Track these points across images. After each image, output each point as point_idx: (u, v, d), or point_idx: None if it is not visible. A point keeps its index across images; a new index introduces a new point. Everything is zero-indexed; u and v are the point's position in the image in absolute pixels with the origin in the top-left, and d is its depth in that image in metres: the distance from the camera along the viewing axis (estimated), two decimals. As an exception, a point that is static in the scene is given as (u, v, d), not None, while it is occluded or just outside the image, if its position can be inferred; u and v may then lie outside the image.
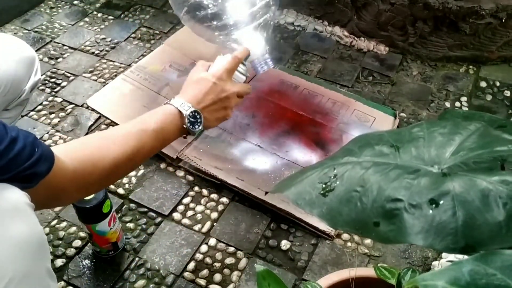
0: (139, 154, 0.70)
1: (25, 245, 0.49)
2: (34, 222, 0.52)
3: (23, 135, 0.53)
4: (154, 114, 0.74)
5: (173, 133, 0.76)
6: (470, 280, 0.33)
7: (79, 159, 0.62)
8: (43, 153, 0.55)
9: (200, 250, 0.95)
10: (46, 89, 1.30)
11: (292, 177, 0.54)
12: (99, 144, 0.67)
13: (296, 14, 1.54)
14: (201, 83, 0.80)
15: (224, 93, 0.80)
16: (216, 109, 0.81)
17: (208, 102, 0.79)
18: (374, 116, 1.19)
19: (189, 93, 0.79)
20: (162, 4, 1.62)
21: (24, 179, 0.53)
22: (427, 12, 1.30)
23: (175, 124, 0.75)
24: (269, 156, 1.09)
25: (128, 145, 0.68)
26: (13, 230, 0.49)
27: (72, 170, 0.60)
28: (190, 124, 0.76)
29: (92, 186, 0.67)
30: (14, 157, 0.50)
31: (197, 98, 0.78)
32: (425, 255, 0.94)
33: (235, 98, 0.83)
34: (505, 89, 1.33)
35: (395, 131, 0.56)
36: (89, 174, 0.63)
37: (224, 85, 0.80)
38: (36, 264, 0.51)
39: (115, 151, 0.66)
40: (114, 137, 0.68)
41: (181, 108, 0.75)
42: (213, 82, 0.79)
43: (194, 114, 0.76)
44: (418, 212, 0.41)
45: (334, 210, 0.46)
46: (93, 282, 0.90)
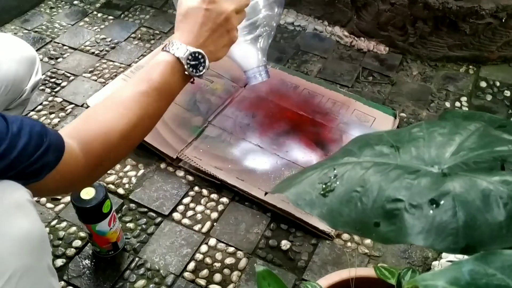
0: (145, 119, 0.64)
1: (26, 241, 0.49)
2: (35, 219, 0.52)
3: (29, 125, 0.51)
4: (152, 68, 0.66)
5: (178, 83, 0.68)
6: (470, 280, 0.33)
7: (86, 140, 0.58)
8: (52, 143, 0.53)
9: (200, 250, 0.95)
10: (46, 89, 1.30)
11: (292, 178, 0.54)
12: (101, 119, 0.61)
13: (296, 14, 1.54)
14: (192, 14, 0.68)
15: (221, 16, 0.69)
16: (219, 37, 0.70)
17: (207, 34, 0.68)
18: (374, 116, 1.19)
19: (183, 30, 0.68)
20: (162, 4, 1.62)
21: (30, 174, 0.52)
22: (427, 12, 1.30)
23: (177, 73, 0.67)
24: (269, 156, 1.09)
25: (132, 113, 0.62)
26: (14, 226, 0.49)
27: (82, 154, 0.58)
28: (192, 68, 0.67)
29: (105, 164, 0.63)
30: (18, 154, 0.49)
31: (193, 34, 0.68)
32: (425, 255, 0.94)
33: (234, 17, 0.72)
34: (505, 89, 1.33)
35: (395, 131, 0.56)
36: (99, 153, 0.59)
37: (218, 7, 0.69)
38: (37, 260, 0.51)
39: (119, 122, 0.61)
40: (114, 106, 0.62)
41: (176, 53, 0.66)
42: (205, 9, 0.68)
43: (194, 55, 0.67)
44: (419, 212, 0.41)
45: (334, 211, 0.46)
46: (93, 282, 0.90)
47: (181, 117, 1.17)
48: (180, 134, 1.13)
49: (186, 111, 1.18)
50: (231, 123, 1.16)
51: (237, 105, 1.21)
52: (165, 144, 1.10)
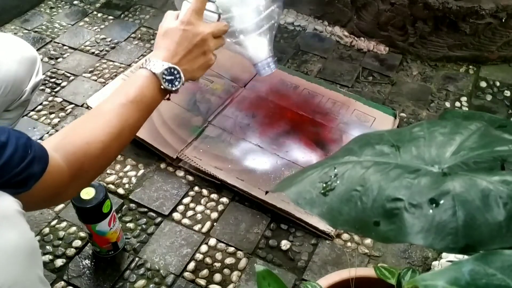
0: (125, 130, 0.66)
1: (15, 253, 0.48)
2: (25, 230, 0.51)
3: (15, 137, 0.52)
4: (130, 83, 0.70)
5: (154, 98, 0.71)
6: (470, 280, 0.33)
7: (69, 152, 0.60)
8: (36, 155, 0.53)
9: (200, 250, 0.95)
10: (46, 89, 1.30)
11: (292, 177, 0.54)
12: (83, 130, 0.64)
13: (296, 14, 1.54)
14: (169, 34, 0.73)
15: (197, 37, 0.74)
16: (194, 57, 0.75)
17: (183, 52, 0.73)
18: (374, 116, 1.19)
19: (160, 48, 0.73)
20: (162, 4, 1.62)
21: (17, 184, 0.52)
22: (427, 12, 1.30)
23: (153, 88, 0.70)
24: (269, 156, 1.09)
25: (112, 125, 0.65)
26: (2, 238, 0.48)
27: (66, 164, 0.59)
28: (167, 82, 0.71)
29: (89, 175, 0.65)
30: (4, 163, 0.49)
31: (170, 52, 0.72)
32: (425, 255, 0.94)
33: (211, 40, 0.76)
34: (505, 89, 1.33)
35: (396, 131, 0.56)
36: (82, 164, 0.61)
37: (195, 29, 0.74)
38: (27, 272, 0.50)
39: (100, 133, 0.63)
40: (96, 118, 0.65)
41: (153, 69, 0.70)
42: (182, 29, 0.73)
43: (170, 70, 0.71)
44: (418, 212, 0.41)
45: (334, 210, 0.46)
46: (93, 282, 0.90)
47: (181, 117, 1.17)
48: (180, 134, 1.13)
49: (186, 111, 1.18)
50: (231, 123, 1.16)
51: (237, 105, 1.21)
52: (165, 144, 1.10)
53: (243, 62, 0.95)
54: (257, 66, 0.92)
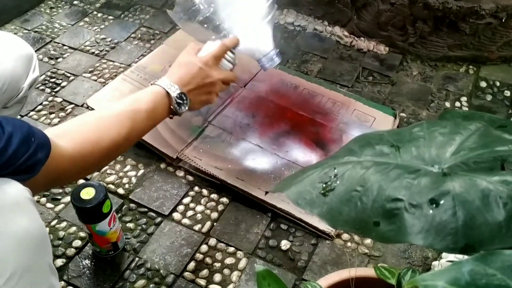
0: (133, 134, 0.72)
1: (26, 240, 0.50)
2: (36, 217, 0.53)
3: (19, 126, 0.53)
4: (144, 94, 0.76)
5: (162, 113, 0.78)
6: (470, 280, 0.33)
7: (77, 141, 0.64)
8: (40, 141, 0.55)
9: (200, 250, 0.95)
10: (46, 89, 1.30)
11: (292, 177, 0.54)
12: (96, 125, 0.68)
13: (296, 14, 1.54)
14: (188, 66, 0.82)
15: (209, 78, 0.83)
16: (200, 93, 0.84)
17: (193, 85, 0.81)
18: (374, 116, 1.19)
19: (176, 75, 0.81)
20: (162, 4, 1.62)
21: (25, 171, 0.53)
22: (427, 12, 1.30)
23: (164, 105, 0.78)
24: (269, 156, 1.09)
25: (123, 125, 0.70)
26: (14, 225, 0.49)
27: (71, 152, 0.62)
28: (177, 105, 0.79)
29: (92, 166, 0.69)
30: (13, 152, 0.51)
31: (183, 81, 0.80)
32: (425, 255, 0.94)
33: (220, 85, 0.86)
34: (505, 89, 1.33)
35: (396, 131, 0.56)
36: (88, 155, 0.65)
37: (210, 71, 0.83)
38: (38, 259, 0.52)
39: (112, 131, 0.68)
40: (109, 117, 0.70)
41: (168, 89, 0.78)
42: (199, 67, 0.82)
43: (181, 95, 0.79)
44: (418, 212, 0.41)
45: (334, 210, 0.46)
46: (93, 282, 0.90)
47: (181, 117, 1.17)
48: (180, 134, 1.13)
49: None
50: (231, 123, 1.16)
51: (237, 105, 1.21)
52: (165, 144, 1.10)
53: (242, 62, 0.95)
54: (261, 61, 0.95)
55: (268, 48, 0.95)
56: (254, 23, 0.94)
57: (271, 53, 0.95)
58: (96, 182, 0.86)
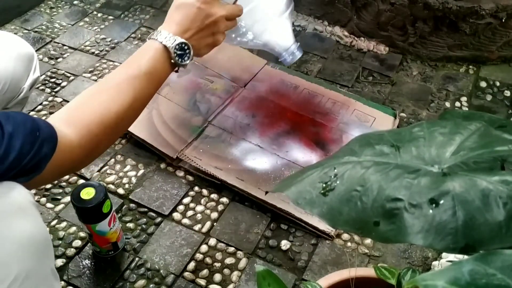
0: (137, 101, 0.67)
1: (30, 245, 0.49)
2: (39, 222, 0.52)
3: (21, 123, 0.52)
4: (141, 54, 0.70)
5: (165, 70, 0.72)
6: (470, 280, 0.33)
7: (82, 124, 0.61)
8: (45, 135, 0.54)
9: (200, 250, 0.95)
10: (46, 89, 1.30)
11: (292, 177, 0.54)
12: (96, 102, 0.64)
13: (296, 14, 1.54)
14: (184, 9, 0.73)
15: (210, 17, 0.74)
16: (203, 36, 0.76)
17: (194, 29, 0.73)
18: (374, 116, 1.19)
19: (172, 22, 0.73)
20: (162, 4, 1.62)
21: (30, 170, 0.52)
22: (427, 12, 1.30)
23: (164, 61, 0.71)
24: (269, 156, 1.09)
25: (126, 96, 0.65)
26: (18, 229, 0.49)
27: (78, 139, 0.59)
28: (178, 57, 0.72)
29: (101, 146, 0.66)
30: (17, 154, 0.50)
31: (182, 27, 0.72)
32: (425, 255, 0.94)
33: (223, 22, 0.77)
34: (505, 89, 1.33)
35: (396, 131, 0.56)
36: (94, 136, 0.62)
37: (210, 8, 0.74)
38: (41, 263, 0.51)
39: (114, 104, 0.64)
40: (109, 90, 0.66)
41: (165, 42, 0.70)
42: (197, 7, 0.73)
43: (181, 45, 0.72)
44: (418, 212, 0.41)
45: (334, 210, 0.46)
46: (93, 282, 0.90)
47: (181, 117, 1.17)
48: (180, 134, 1.13)
49: (186, 111, 1.18)
50: (231, 123, 1.16)
51: (237, 105, 1.21)
52: (165, 144, 1.10)
53: (243, 62, 0.95)
54: (283, 56, 0.93)
55: (289, 42, 0.93)
56: (274, 18, 0.91)
57: (292, 47, 0.93)
58: (96, 182, 0.86)
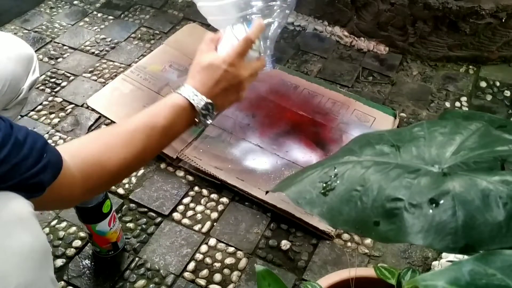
0: (146, 152, 0.67)
1: (30, 256, 0.49)
2: (38, 232, 0.51)
3: (32, 138, 0.51)
4: (163, 107, 0.69)
5: (183, 127, 0.71)
6: (470, 280, 0.33)
7: (87, 162, 0.60)
8: (51, 160, 0.53)
9: (200, 250, 0.95)
10: (46, 89, 1.30)
11: (292, 177, 0.55)
12: (106, 143, 0.64)
13: (296, 14, 1.54)
14: (211, 70, 0.72)
15: (236, 79, 0.73)
16: (228, 95, 0.75)
17: (219, 90, 0.72)
18: (374, 116, 1.19)
19: (198, 80, 0.72)
20: (162, 4, 1.62)
21: (29, 188, 0.52)
22: (427, 12, 1.30)
23: (186, 118, 0.70)
24: (269, 156, 1.09)
25: (136, 144, 0.65)
26: (18, 241, 0.48)
27: (80, 175, 0.59)
28: (203, 117, 0.71)
29: (100, 187, 0.66)
30: (18, 162, 0.49)
31: (207, 87, 0.71)
32: (425, 255, 0.94)
33: (248, 81, 0.76)
34: (505, 89, 1.33)
35: (396, 131, 0.56)
36: (97, 176, 0.61)
37: (237, 71, 0.73)
38: (40, 274, 0.51)
39: (123, 150, 0.63)
40: (121, 135, 0.65)
41: (192, 100, 0.69)
42: (224, 70, 0.72)
43: (207, 106, 0.71)
44: (418, 212, 0.41)
45: (334, 209, 0.46)
46: (93, 282, 0.90)
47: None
48: (180, 134, 1.13)
49: (186, 111, 1.18)
50: (231, 123, 1.16)
51: (237, 105, 1.21)
52: (165, 144, 1.10)
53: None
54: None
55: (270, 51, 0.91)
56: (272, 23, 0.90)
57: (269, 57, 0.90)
58: (96, 182, 0.86)
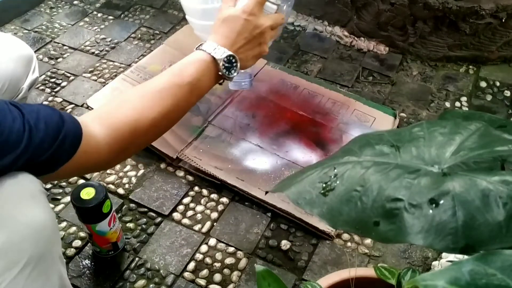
0: (175, 111, 0.67)
1: (41, 230, 0.51)
2: (48, 209, 0.54)
3: (45, 117, 0.52)
4: (187, 64, 0.70)
5: (209, 82, 0.72)
6: (470, 280, 0.33)
7: (115, 126, 0.61)
8: (68, 133, 0.54)
9: (200, 250, 0.95)
10: (46, 89, 1.30)
11: (292, 177, 0.54)
12: (133, 106, 0.64)
13: (296, 14, 1.54)
14: (232, 21, 0.73)
15: (257, 29, 0.74)
16: (250, 48, 0.75)
17: (242, 42, 0.73)
18: (374, 116, 1.19)
19: (220, 34, 0.73)
20: (162, 4, 1.62)
21: (44, 166, 0.53)
22: (427, 12, 1.30)
23: (210, 73, 0.71)
24: (269, 156, 1.09)
25: (165, 103, 0.65)
26: (30, 216, 0.51)
27: (107, 140, 0.59)
28: (226, 70, 0.72)
29: (130, 150, 0.66)
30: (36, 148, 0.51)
31: (230, 40, 0.72)
32: (425, 255, 0.94)
33: (269, 32, 0.77)
34: (505, 89, 1.33)
35: (396, 131, 0.56)
36: (126, 140, 0.62)
37: (257, 20, 0.73)
38: (50, 249, 0.53)
39: (151, 111, 0.64)
40: (149, 96, 0.65)
41: (215, 54, 0.70)
42: (245, 19, 0.72)
43: (229, 58, 0.71)
44: (418, 212, 0.41)
45: (334, 210, 0.46)
46: (93, 282, 0.90)
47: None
48: (180, 134, 1.13)
49: (186, 111, 1.18)
50: (231, 123, 1.16)
51: (237, 105, 1.21)
52: (165, 144, 1.10)
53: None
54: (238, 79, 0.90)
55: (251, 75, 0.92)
56: None
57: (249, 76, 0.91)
58: (96, 182, 0.86)
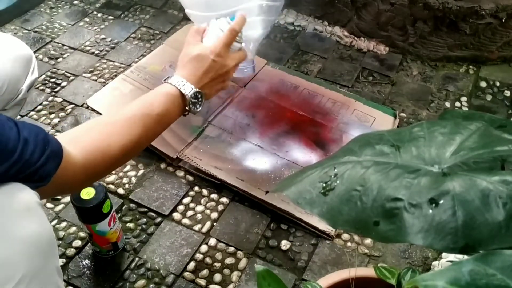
0: (144, 139, 0.71)
1: (37, 245, 0.50)
2: (45, 221, 0.53)
3: (34, 132, 0.53)
4: (156, 95, 0.74)
5: (175, 114, 0.76)
6: (470, 280, 0.33)
7: (88, 149, 0.63)
8: (53, 150, 0.55)
9: (200, 250, 0.95)
10: (46, 89, 1.30)
11: (292, 177, 0.54)
12: (106, 131, 0.67)
13: (296, 14, 1.54)
14: (200, 60, 0.78)
15: (223, 68, 0.80)
16: (215, 84, 0.81)
17: (207, 80, 0.78)
18: (374, 116, 1.19)
19: (188, 70, 0.78)
20: (162, 4, 1.62)
21: (36, 179, 0.54)
22: (427, 12, 1.30)
23: (178, 106, 0.76)
24: (269, 156, 1.09)
25: (134, 131, 0.68)
26: (25, 230, 0.50)
27: (82, 162, 0.61)
28: (192, 105, 0.77)
29: (101, 173, 0.68)
30: (28, 158, 0.51)
31: (196, 77, 0.77)
32: (425, 255, 0.94)
33: (233, 70, 0.83)
34: (505, 89, 1.33)
35: (396, 131, 0.56)
36: (98, 163, 0.64)
37: (224, 61, 0.79)
38: (47, 262, 0.52)
39: (122, 138, 0.67)
40: (119, 122, 0.68)
41: (182, 89, 0.75)
42: (212, 60, 0.78)
43: (196, 94, 0.77)
44: (418, 212, 0.41)
45: (334, 209, 0.46)
46: (93, 282, 0.90)
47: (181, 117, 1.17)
48: (180, 134, 1.13)
49: (186, 111, 1.18)
50: (231, 123, 1.16)
51: (237, 105, 1.21)
52: (165, 144, 1.10)
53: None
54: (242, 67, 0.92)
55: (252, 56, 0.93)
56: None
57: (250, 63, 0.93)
58: (96, 182, 0.86)
